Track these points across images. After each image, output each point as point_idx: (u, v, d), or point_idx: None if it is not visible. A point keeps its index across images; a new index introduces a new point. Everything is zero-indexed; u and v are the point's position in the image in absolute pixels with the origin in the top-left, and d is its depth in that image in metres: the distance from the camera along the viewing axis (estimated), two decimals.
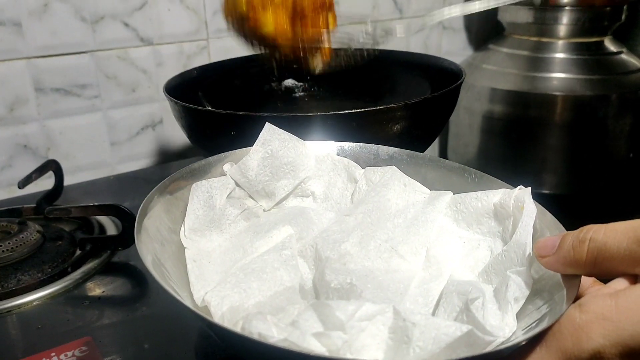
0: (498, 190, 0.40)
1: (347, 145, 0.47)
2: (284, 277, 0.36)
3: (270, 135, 0.44)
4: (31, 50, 0.70)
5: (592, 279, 0.33)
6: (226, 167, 0.44)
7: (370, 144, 0.47)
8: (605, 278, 0.31)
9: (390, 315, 0.29)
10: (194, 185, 0.41)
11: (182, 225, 0.40)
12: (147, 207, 0.37)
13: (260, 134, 0.44)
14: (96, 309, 0.48)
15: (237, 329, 0.30)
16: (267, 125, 0.44)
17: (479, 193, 0.40)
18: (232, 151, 0.44)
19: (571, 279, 0.31)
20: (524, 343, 0.28)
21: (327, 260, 0.37)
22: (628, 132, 0.85)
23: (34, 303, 0.48)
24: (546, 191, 0.85)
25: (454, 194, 0.42)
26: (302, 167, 0.45)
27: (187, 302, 0.31)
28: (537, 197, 0.38)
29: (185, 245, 0.39)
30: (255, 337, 0.28)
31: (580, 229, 0.31)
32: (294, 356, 0.26)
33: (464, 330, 0.27)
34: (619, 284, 0.30)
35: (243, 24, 0.58)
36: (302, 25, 0.58)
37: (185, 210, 0.41)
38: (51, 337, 0.44)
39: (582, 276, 0.32)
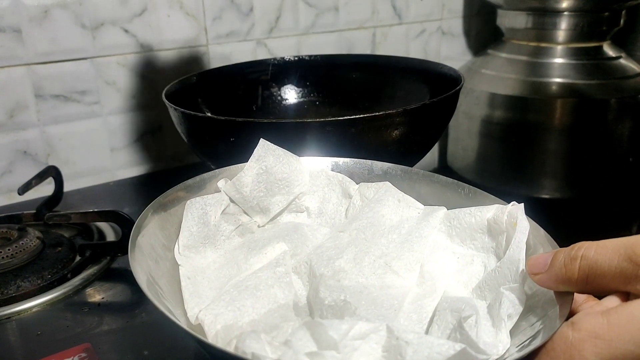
0: (491, 206, 0.40)
1: (341, 160, 0.47)
2: (277, 294, 0.37)
3: (265, 151, 0.44)
4: (31, 57, 0.71)
5: (586, 294, 0.33)
6: (220, 183, 0.44)
7: (364, 160, 0.47)
8: (597, 295, 0.31)
9: (383, 334, 0.29)
10: (188, 202, 0.41)
11: (177, 243, 0.40)
12: (141, 225, 0.37)
13: (255, 150, 0.44)
14: (96, 315, 0.48)
15: (231, 348, 0.30)
16: (262, 141, 0.44)
17: (472, 209, 0.41)
18: (227, 167, 0.45)
19: (564, 295, 0.32)
20: None
21: (322, 276, 0.37)
22: (627, 136, 0.85)
23: (34, 309, 0.48)
24: (545, 196, 0.85)
25: (447, 209, 0.42)
26: (297, 182, 0.45)
27: (181, 321, 0.31)
28: (537, 201, 0.38)
29: (179, 263, 0.39)
30: (249, 357, 0.28)
31: (572, 246, 0.31)
32: None
33: (457, 349, 0.27)
34: (611, 301, 0.30)
35: None
36: None
37: (180, 227, 0.41)
38: (50, 343, 0.44)
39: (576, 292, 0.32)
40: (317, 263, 0.39)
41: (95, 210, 0.55)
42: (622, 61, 0.89)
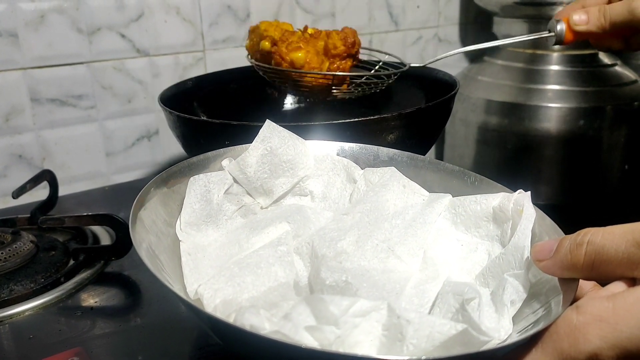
0: (497, 194, 0.40)
1: (347, 145, 0.47)
2: (278, 272, 0.36)
3: (270, 132, 0.44)
4: (27, 61, 0.70)
5: (593, 283, 0.33)
6: (225, 162, 0.44)
7: (370, 145, 0.46)
8: (603, 282, 0.31)
9: (384, 312, 0.29)
10: (191, 178, 0.41)
11: (178, 219, 0.40)
12: (144, 199, 0.37)
13: (260, 130, 0.44)
14: (88, 319, 0.47)
15: (230, 321, 0.30)
16: (267, 122, 0.44)
17: (478, 196, 0.40)
18: (231, 147, 0.44)
19: (568, 282, 0.31)
20: (518, 344, 0.28)
21: (323, 257, 0.37)
22: (623, 143, 0.86)
23: (26, 313, 0.48)
24: (541, 202, 0.85)
25: (453, 197, 0.42)
26: (301, 165, 0.45)
27: (180, 293, 0.31)
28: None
29: (180, 239, 0.39)
30: (248, 329, 0.27)
31: (578, 232, 0.31)
32: (285, 348, 0.26)
33: (459, 329, 0.27)
34: (617, 287, 0.29)
35: (268, 59, 0.63)
36: (329, 64, 0.62)
37: (182, 204, 0.41)
38: (42, 347, 0.44)
39: (583, 280, 0.32)
40: (319, 244, 0.38)
41: (90, 214, 0.55)
42: (618, 68, 0.89)
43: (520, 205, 0.37)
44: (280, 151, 0.44)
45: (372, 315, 0.29)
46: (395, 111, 0.50)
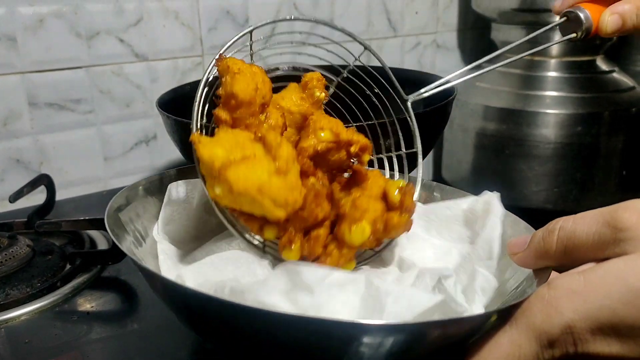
0: (467, 198, 0.41)
1: None
2: (257, 270, 0.37)
3: None
4: (26, 65, 0.71)
5: None
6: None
7: None
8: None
9: (362, 286, 0.29)
10: (170, 185, 0.42)
11: (156, 224, 0.41)
12: (121, 203, 0.40)
13: None
14: (85, 323, 0.47)
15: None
16: None
17: (448, 202, 0.42)
18: None
19: (542, 271, 0.32)
20: (492, 316, 0.29)
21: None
22: (620, 149, 0.86)
23: (22, 317, 0.48)
24: (539, 207, 0.85)
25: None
26: None
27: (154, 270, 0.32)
28: (530, 213, 0.39)
29: (157, 240, 0.40)
30: (226, 298, 0.28)
31: (551, 222, 0.31)
32: (258, 314, 0.26)
33: (437, 300, 0.28)
34: (589, 266, 0.30)
35: None
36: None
37: (160, 210, 0.42)
38: (39, 352, 0.43)
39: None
40: None
41: (87, 218, 0.55)
42: (615, 75, 0.90)
43: (488, 204, 0.39)
44: None
45: (348, 287, 0.29)
46: (393, 116, 0.50)
